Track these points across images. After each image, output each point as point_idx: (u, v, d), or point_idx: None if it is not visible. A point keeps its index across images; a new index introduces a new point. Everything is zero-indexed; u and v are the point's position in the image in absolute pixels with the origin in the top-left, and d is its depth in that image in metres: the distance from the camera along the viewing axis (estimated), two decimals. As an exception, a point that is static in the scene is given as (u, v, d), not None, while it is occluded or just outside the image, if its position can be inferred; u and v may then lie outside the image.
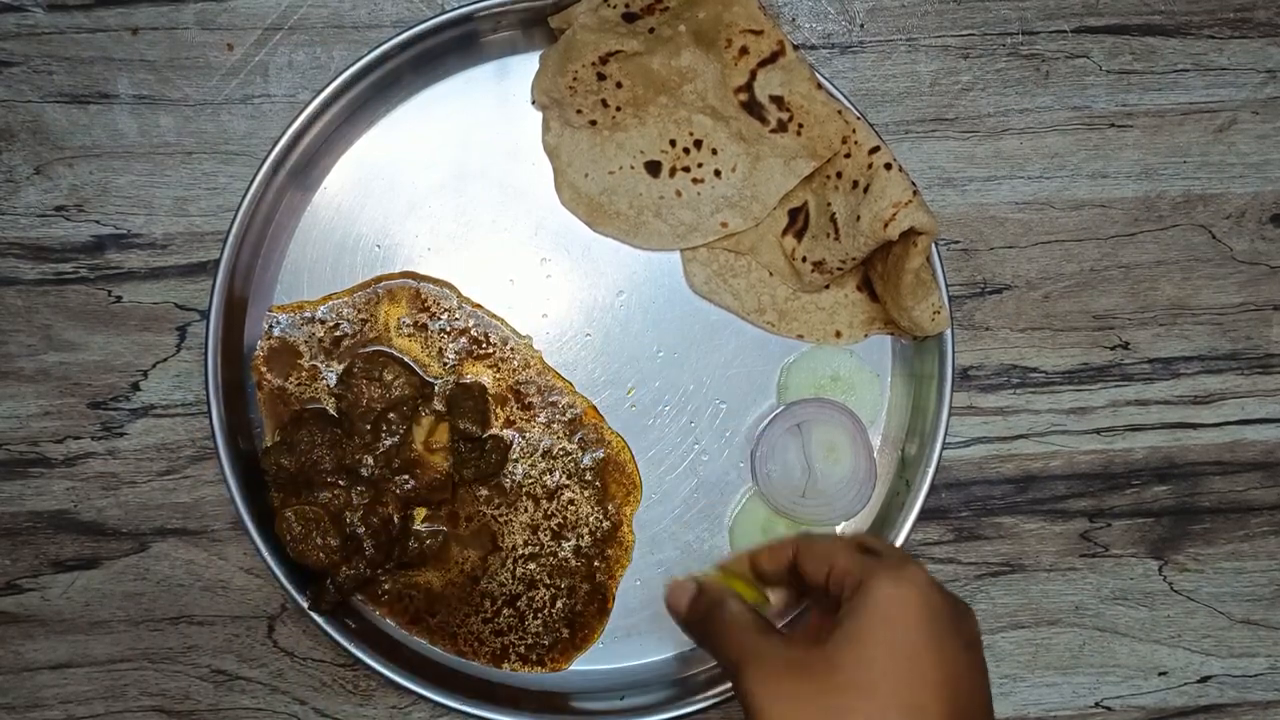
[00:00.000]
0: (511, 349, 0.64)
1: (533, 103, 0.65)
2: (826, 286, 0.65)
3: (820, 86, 0.62)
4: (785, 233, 0.64)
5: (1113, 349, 0.68)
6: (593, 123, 0.63)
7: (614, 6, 0.62)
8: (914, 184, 0.59)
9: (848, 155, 0.62)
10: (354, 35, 0.66)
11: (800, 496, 0.64)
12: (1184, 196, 0.68)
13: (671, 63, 0.62)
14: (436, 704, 0.61)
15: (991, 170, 0.68)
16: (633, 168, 0.64)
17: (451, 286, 0.64)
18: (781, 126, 0.62)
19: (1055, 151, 0.68)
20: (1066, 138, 0.68)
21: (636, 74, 0.62)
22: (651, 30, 0.62)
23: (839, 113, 0.62)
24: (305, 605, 0.61)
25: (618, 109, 0.63)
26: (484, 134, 0.64)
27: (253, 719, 0.66)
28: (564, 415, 0.64)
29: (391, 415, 0.62)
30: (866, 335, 0.65)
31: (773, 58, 0.62)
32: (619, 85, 0.62)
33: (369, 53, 0.61)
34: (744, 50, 0.62)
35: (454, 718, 0.63)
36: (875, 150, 0.61)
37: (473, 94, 0.65)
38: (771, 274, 0.65)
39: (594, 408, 0.65)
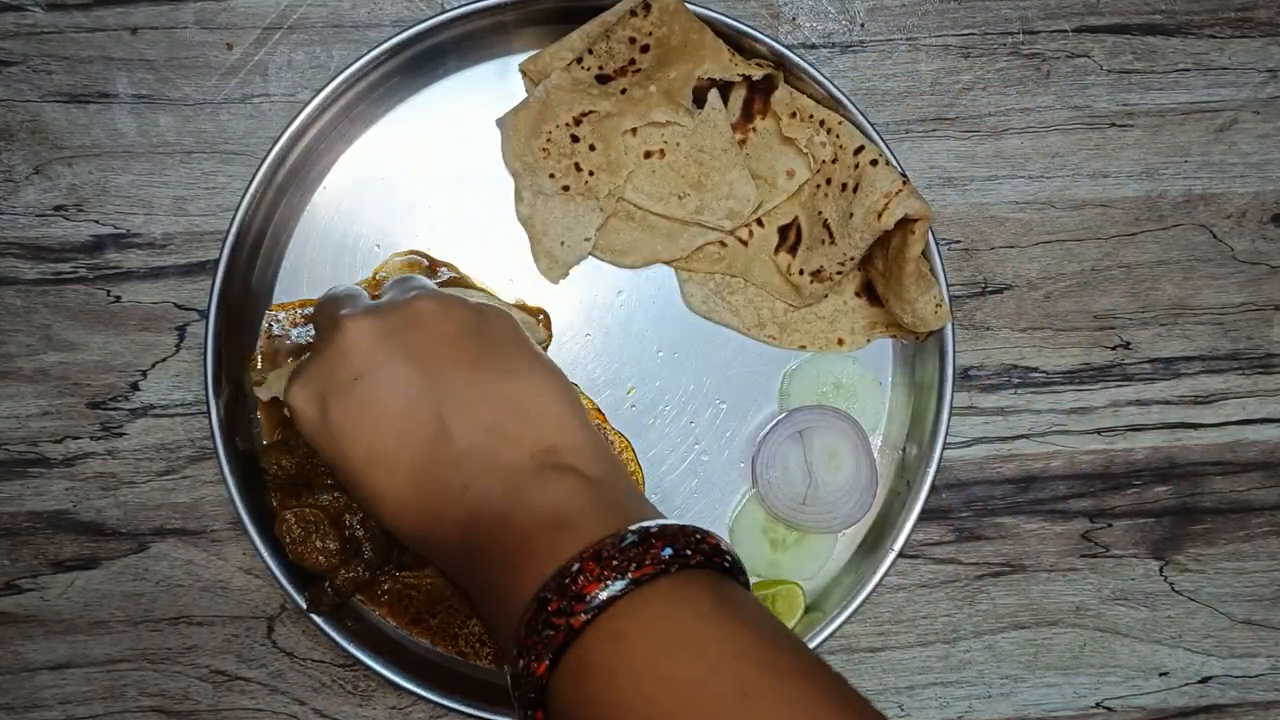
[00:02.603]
0: None
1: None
2: (825, 296, 0.65)
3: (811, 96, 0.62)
4: (778, 251, 0.64)
5: (1113, 349, 0.68)
6: (565, 188, 0.63)
7: (587, 68, 0.62)
8: (903, 173, 0.60)
9: (834, 161, 0.62)
10: (353, 35, 0.65)
11: (801, 504, 0.64)
12: (1185, 196, 0.68)
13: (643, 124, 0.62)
14: (436, 704, 0.61)
15: (992, 170, 0.68)
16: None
17: (454, 269, 0.64)
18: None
19: (1056, 151, 0.68)
20: (1067, 137, 0.68)
21: (610, 136, 0.62)
22: (624, 91, 0.62)
23: (827, 127, 0.62)
24: (303, 606, 0.60)
25: (590, 174, 0.62)
26: (484, 134, 0.64)
27: (253, 719, 0.66)
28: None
29: (391, 415, 0.62)
30: (869, 340, 0.65)
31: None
32: (592, 148, 0.62)
33: (369, 52, 0.61)
34: None
35: (454, 718, 0.63)
36: (860, 150, 0.61)
37: (473, 94, 0.64)
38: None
39: (597, 408, 0.64)
